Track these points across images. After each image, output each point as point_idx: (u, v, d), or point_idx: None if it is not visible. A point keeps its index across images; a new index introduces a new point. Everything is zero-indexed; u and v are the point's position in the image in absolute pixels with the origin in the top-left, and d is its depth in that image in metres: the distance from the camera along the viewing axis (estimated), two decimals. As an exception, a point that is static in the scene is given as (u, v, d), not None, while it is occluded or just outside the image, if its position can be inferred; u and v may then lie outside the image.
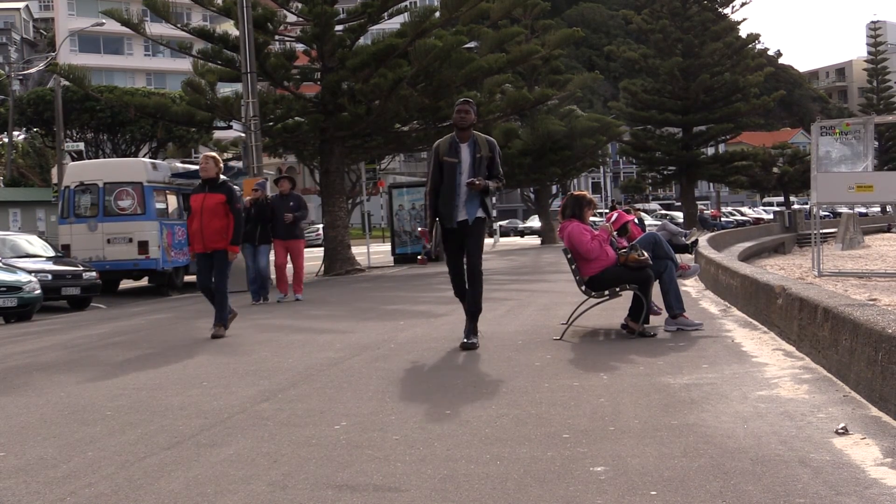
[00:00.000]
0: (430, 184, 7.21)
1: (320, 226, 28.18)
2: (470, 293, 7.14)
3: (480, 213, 7.13)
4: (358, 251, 23.58)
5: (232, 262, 9.13)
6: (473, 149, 7.09)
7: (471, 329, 7.12)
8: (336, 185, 21.88)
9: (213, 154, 9.12)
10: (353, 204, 37.36)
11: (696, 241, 16.45)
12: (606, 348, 6.81)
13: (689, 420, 4.22)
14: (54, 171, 37.24)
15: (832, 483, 3.18)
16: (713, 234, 25.01)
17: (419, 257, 25.56)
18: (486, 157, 7.09)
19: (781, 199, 69.44)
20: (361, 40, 23.01)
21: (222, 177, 9.08)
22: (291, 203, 13.00)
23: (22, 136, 42.29)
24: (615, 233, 8.20)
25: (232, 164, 23.75)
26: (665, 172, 48.10)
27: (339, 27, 22.23)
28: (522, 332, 7.91)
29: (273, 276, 13.65)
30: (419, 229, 24.21)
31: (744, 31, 52.91)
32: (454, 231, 7.13)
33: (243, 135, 19.02)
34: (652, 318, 7.72)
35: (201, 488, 3.51)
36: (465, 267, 7.21)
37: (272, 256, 13.30)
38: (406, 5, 23.59)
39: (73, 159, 33.02)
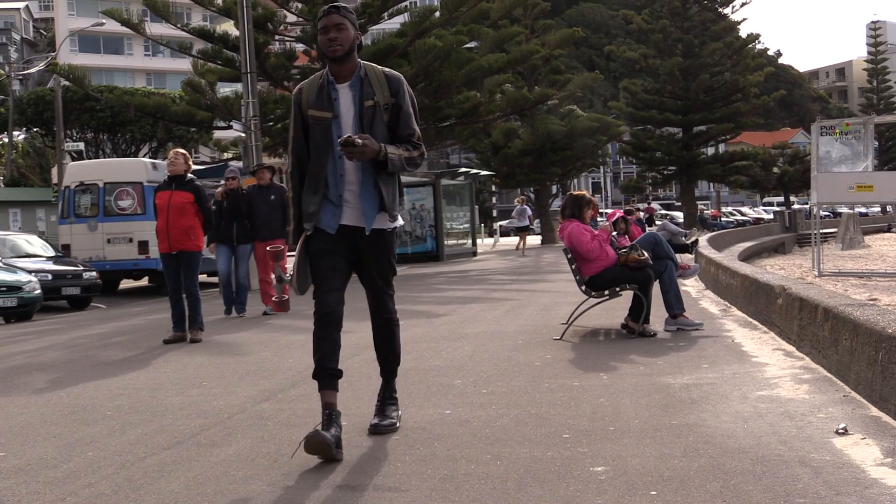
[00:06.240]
0: (293, 157, 4.18)
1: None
2: (380, 351, 4.34)
3: (383, 223, 4.09)
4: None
5: (199, 264, 8.83)
6: (360, 91, 4.02)
7: (387, 396, 4.39)
8: (336, 185, 21.84)
9: (183, 151, 8.90)
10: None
11: (696, 240, 16.47)
12: (606, 348, 6.81)
13: (689, 420, 4.22)
14: (54, 171, 37.24)
15: (832, 483, 3.18)
16: (713, 234, 25.01)
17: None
18: (386, 104, 4.02)
19: (781, 199, 69.41)
20: (361, 40, 23.00)
21: (189, 175, 8.75)
22: (272, 196, 11.26)
23: (22, 136, 42.30)
24: (615, 232, 8.21)
25: (232, 164, 23.67)
26: (665, 172, 48.10)
27: (339, 27, 22.20)
28: (522, 332, 7.91)
29: (255, 286, 12.32)
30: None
31: (744, 31, 53.08)
32: (331, 242, 4.05)
33: (243, 135, 19.00)
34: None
35: (201, 488, 3.51)
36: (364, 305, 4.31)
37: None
38: (406, 5, 23.61)
39: (73, 159, 33.04)
